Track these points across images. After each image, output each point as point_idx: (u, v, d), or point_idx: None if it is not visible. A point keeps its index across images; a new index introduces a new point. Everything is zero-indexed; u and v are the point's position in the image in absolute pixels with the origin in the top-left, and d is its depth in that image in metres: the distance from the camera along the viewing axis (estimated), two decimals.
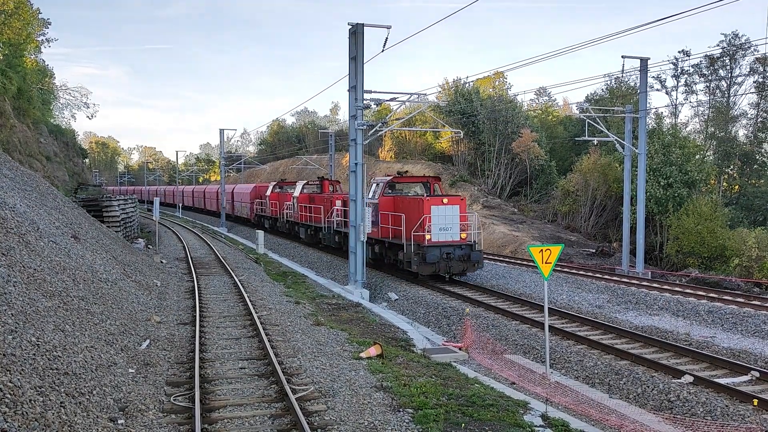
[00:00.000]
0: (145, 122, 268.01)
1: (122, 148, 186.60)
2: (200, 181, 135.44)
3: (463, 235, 24.99)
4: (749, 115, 53.86)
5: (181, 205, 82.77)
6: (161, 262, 29.48)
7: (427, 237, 24.40)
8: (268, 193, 49.94)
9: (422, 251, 24.40)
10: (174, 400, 10.93)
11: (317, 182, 42.69)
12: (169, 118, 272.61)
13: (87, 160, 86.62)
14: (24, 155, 34.41)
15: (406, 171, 31.82)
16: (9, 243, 14.01)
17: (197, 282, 23.61)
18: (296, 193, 42.12)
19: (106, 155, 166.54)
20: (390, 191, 28.05)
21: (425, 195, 26.84)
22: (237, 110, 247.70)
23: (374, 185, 28.81)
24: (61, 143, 50.02)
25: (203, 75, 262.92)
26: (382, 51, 23.30)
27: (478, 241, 26.30)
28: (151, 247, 36.28)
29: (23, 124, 37.95)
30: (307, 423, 9.62)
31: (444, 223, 24.69)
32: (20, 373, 8.73)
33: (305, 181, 43.58)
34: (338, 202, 33.77)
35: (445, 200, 24.91)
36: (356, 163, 24.24)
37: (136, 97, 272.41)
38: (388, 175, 29.40)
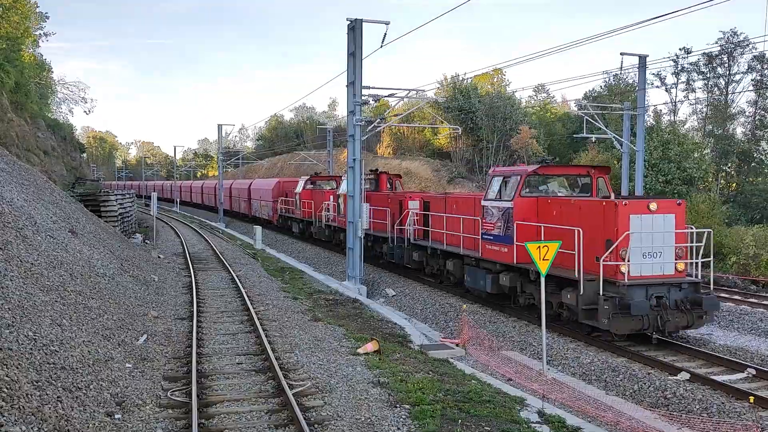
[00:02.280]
0: (143, 117, 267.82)
1: (120, 143, 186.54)
2: (198, 176, 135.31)
3: (681, 266, 15.74)
4: (747, 113, 53.95)
5: (178, 200, 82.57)
6: (159, 257, 29.48)
7: (624, 269, 15.09)
8: (299, 189, 41.17)
9: (620, 294, 14.94)
10: (171, 395, 10.94)
11: (371, 176, 33.08)
12: (167, 113, 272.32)
13: (85, 155, 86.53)
14: (21, 149, 34.38)
15: (554, 158, 18.61)
16: (6, 237, 14.00)
17: (195, 277, 23.61)
18: (344, 190, 31.58)
19: (103, 150, 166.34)
20: (529, 190, 18.69)
21: (613, 196, 17.36)
22: (235, 106, 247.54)
23: (496, 180, 19.38)
24: (58, 138, 49.97)
25: (202, 70, 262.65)
26: (381, 47, 23.32)
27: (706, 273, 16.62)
28: (148, 242, 36.28)
29: (21, 119, 37.91)
30: (304, 419, 9.63)
31: (651, 246, 15.30)
32: (17, 368, 8.73)
33: None
34: (412, 204, 25.57)
35: (653, 205, 15.34)
36: (354, 159, 24.22)
37: (135, 92, 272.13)
38: (523, 165, 21.20)
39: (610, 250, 15.02)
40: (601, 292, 14.95)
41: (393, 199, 27.88)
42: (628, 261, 15.05)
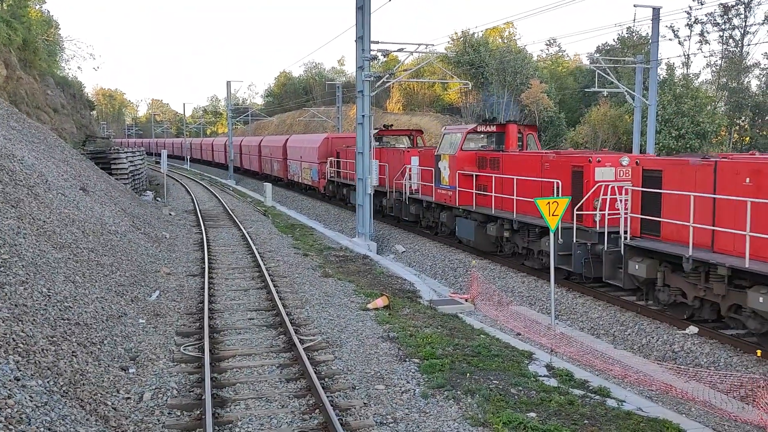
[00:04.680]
0: (152, 74, 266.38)
1: (129, 101, 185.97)
2: (208, 133, 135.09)
3: None
4: (762, 66, 53.08)
5: (189, 157, 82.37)
6: (170, 214, 29.63)
7: None
8: None
9: None
10: (184, 349, 11.11)
11: (490, 129, 22.38)
12: (176, 70, 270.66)
13: (94, 113, 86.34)
14: (31, 107, 34.35)
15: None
16: (18, 195, 14.10)
17: (206, 234, 23.75)
18: (449, 149, 22.45)
19: (113, 107, 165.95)
20: None
21: None
22: (244, 62, 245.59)
23: None
24: (68, 95, 49.77)
25: (211, 26, 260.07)
26: (389, 0, 22.99)
27: None
28: (159, 199, 36.43)
29: (30, 76, 37.77)
30: (315, 372, 9.77)
31: None
32: (32, 323, 8.88)
33: (467, 128, 22.46)
34: (602, 172, 15.99)
35: None
36: (363, 115, 24.06)
37: (144, 49, 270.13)
38: None
39: None
40: None
41: (557, 165, 17.40)
42: None
